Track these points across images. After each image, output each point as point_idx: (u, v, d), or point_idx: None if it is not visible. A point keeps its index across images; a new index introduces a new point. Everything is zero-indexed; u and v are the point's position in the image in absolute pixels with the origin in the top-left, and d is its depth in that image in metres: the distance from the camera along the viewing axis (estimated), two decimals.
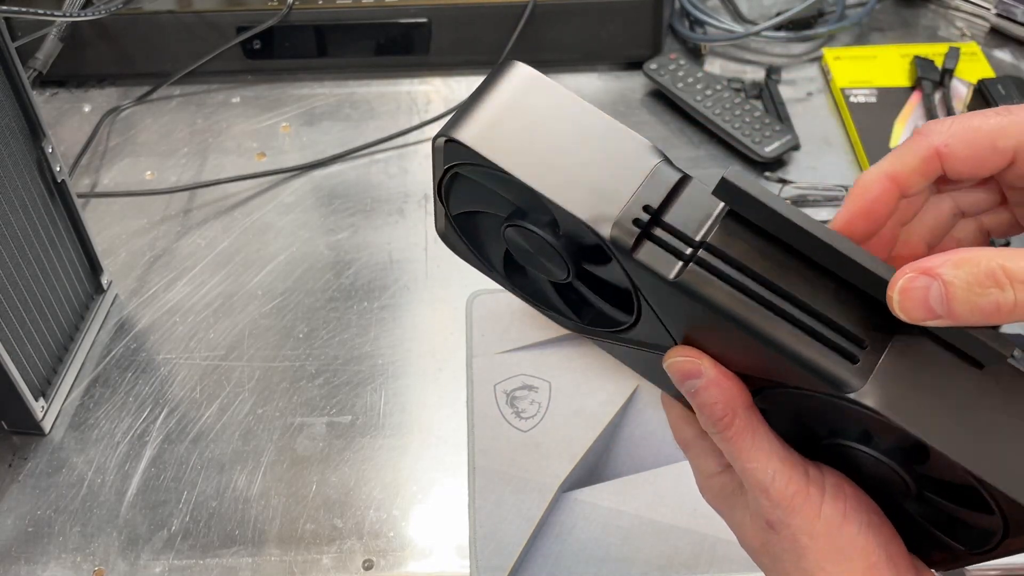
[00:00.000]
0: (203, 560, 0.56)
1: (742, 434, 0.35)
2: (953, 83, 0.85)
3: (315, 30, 0.85)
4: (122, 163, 0.81)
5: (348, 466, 0.61)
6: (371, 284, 0.71)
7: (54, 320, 0.63)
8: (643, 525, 0.57)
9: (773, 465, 0.35)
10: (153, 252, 0.74)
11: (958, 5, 0.96)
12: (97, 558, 0.57)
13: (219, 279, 0.72)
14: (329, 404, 0.64)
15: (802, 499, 0.34)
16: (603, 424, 0.62)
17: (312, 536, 0.57)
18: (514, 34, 0.85)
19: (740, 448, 0.35)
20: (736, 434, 0.35)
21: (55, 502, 0.59)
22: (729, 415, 0.35)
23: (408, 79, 0.89)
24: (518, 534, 0.56)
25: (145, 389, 0.65)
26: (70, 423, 0.63)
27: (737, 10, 0.95)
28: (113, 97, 0.87)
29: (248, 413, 0.64)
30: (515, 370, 0.65)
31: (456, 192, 0.37)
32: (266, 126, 0.84)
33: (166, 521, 0.58)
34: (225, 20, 0.84)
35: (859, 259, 0.30)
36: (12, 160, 0.58)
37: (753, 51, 0.92)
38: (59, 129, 0.84)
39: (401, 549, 0.57)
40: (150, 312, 0.70)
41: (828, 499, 0.34)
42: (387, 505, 0.59)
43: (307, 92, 0.87)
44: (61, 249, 0.64)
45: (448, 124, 0.34)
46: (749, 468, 0.35)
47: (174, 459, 0.61)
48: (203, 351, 0.67)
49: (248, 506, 0.59)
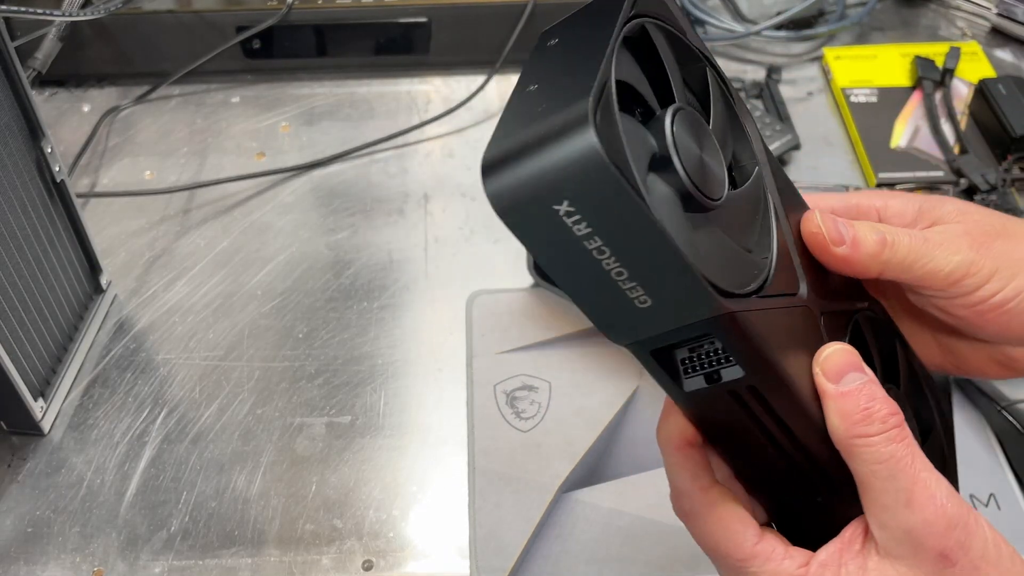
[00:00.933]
0: (202, 560, 0.56)
1: (910, 443, 0.32)
2: (954, 83, 0.85)
3: (315, 30, 0.85)
4: (121, 163, 0.81)
5: (348, 466, 0.61)
6: (371, 284, 0.71)
7: (53, 320, 0.63)
8: (643, 525, 0.57)
9: (944, 485, 0.31)
10: (152, 252, 0.74)
11: (959, 5, 0.96)
12: (96, 558, 0.56)
13: (219, 279, 0.72)
14: (329, 404, 0.64)
15: (975, 520, 0.32)
16: (603, 424, 0.61)
17: (312, 536, 0.57)
18: (514, 34, 0.85)
19: (908, 457, 0.32)
20: (906, 440, 0.32)
21: (54, 502, 0.59)
22: (897, 416, 0.32)
23: (408, 79, 0.88)
24: (518, 534, 0.56)
25: (144, 389, 0.65)
26: (69, 423, 0.63)
27: (737, 9, 0.95)
28: (112, 97, 0.87)
29: (247, 413, 0.63)
30: (515, 370, 0.65)
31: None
32: (266, 126, 0.84)
33: (165, 521, 0.58)
34: (225, 20, 0.84)
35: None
36: (11, 160, 0.57)
37: (753, 51, 0.92)
38: (58, 129, 0.83)
39: (401, 549, 0.57)
40: (149, 312, 0.70)
41: (983, 519, 0.32)
42: (387, 505, 0.59)
43: (307, 92, 0.87)
44: (60, 249, 0.63)
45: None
46: (921, 479, 0.31)
47: (173, 459, 0.61)
48: (202, 351, 0.67)
49: (248, 506, 0.59)
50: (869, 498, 0.33)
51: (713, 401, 0.33)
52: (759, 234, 0.35)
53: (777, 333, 0.33)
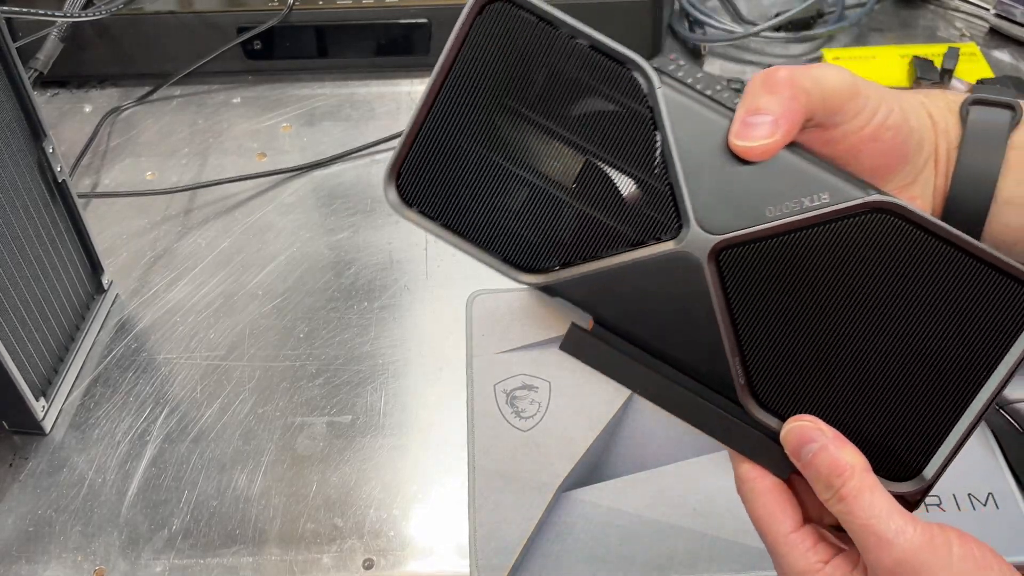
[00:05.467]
0: (204, 559, 0.56)
1: (862, 490, 0.35)
2: (952, 83, 0.85)
3: (315, 30, 0.85)
4: (123, 163, 0.81)
5: (348, 466, 0.61)
6: (371, 284, 0.72)
7: (55, 320, 0.63)
8: (643, 525, 0.57)
9: (895, 521, 0.35)
10: (154, 252, 0.74)
11: (957, 5, 0.96)
12: (98, 557, 0.57)
13: (219, 279, 0.72)
14: (329, 404, 0.64)
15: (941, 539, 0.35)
16: (603, 424, 0.62)
17: (312, 535, 0.57)
18: None
19: (860, 503, 0.35)
20: (857, 489, 0.35)
21: (56, 502, 0.59)
22: (848, 472, 0.35)
23: (408, 79, 0.89)
24: (518, 534, 0.56)
25: (146, 389, 0.65)
26: (71, 423, 0.63)
27: (736, 10, 0.95)
28: (114, 97, 0.87)
29: (248, 413, 0.64)
30: (515, 370, 0.65)
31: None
32: (267, 126, 0.85)
33: (167, 521, 0.58)
34: (226, 20, 0.85)
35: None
36: (13, 160, 0.58)
37: (753, 51, 0.92)
38: (60, 129, 0.84)
39: (401, 549, 0.57)
40: (151, 312, 0.70)
41: (954, 537, 0.35)
42: (387, 505, 0.59)
43: (307, 92, 0.87)
44: (62, 249, 0.64)
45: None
46: (871, 524, 0.35)
47: (175, 459, 0.61)
48: (203, 351, 0.67)
49: (249, 506, 0.59)
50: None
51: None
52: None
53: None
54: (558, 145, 0.37)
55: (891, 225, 0.36)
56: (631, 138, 0.37)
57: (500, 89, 0.37)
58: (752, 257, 0.37)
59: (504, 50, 0.37)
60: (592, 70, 0.37)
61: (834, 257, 0.36)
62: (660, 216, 0.37)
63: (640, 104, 0.37)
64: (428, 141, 0.38)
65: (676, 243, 0.37)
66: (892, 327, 0.36)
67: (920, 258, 0.36)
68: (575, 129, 0.37)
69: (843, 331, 0.37)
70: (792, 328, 0.37)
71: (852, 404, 0.37)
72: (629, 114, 0.37)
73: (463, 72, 0.37)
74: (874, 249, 0.36)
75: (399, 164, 0.39)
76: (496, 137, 0.38)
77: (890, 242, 0.36)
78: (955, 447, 0.37)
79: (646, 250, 0.37)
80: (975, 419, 0.37)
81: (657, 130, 0.37)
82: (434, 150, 0.38)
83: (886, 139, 0.40)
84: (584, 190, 0.38)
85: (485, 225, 0.39)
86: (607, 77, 0.37)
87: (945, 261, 0.36)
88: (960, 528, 0.36)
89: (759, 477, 0.38)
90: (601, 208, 0.38)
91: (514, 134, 0.38)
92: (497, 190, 0.38)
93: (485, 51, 0.37)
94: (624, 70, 0.37)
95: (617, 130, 0.37)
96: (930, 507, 0.56)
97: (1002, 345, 0.36)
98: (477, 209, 0.39)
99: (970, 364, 0.36)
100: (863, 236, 0.36)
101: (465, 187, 0.38)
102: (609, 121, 0.37)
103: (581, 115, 0.37)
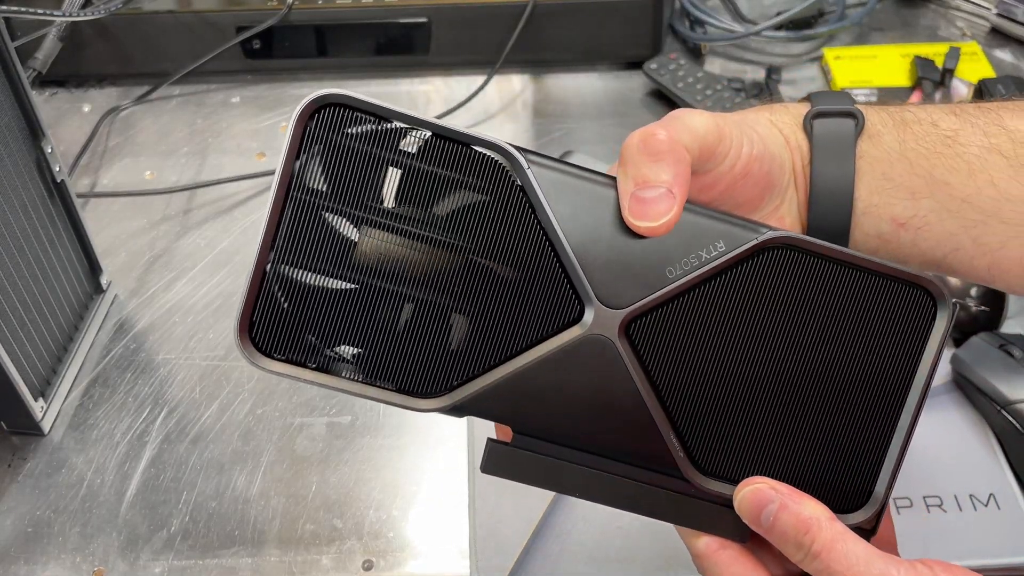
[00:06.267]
0: (203, 560, 0.56)
1: (835, 541, 0.34)
2: (954, 83, 0.85)
3: (315, 30, 0.85)
4: (122, 163, 0.81)
5: (348, 466, 0.61)
6: None
7: (53, 320, 0.63)
8: (643, 525, 0.57)
9: (877, 566, 0.34)
10: (153, 252, 0.74)
11: (958, 5, 0.96)
12: (97, 558, 0.56)
13: (219, 279, 0.72)
14: (329, 404, 0.64)
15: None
16: None
17: (312, 536, 0.57)
18: (514, 34, 0.85)
19: (836, 556, 0.34)
20: (829, 541, 0.34)
21: (55, 502, 0.59)
22: (815, 526, 0.34)
23: (408, 79, 0.89)
24: (518, 534, 0.56)
25: (144, 389, 0.65)
26: (69, 423, 0.63)
27: (737, 10, 0.95)
28: (113, 97, 0.87)
29: (248, 413, 0.64)
30: None
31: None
32: (266, 126, 0.84)
33: (166, 521, 0.58)
34: (225, 20, 0.84)
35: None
36: (11, 160, 0.58)
37: (753, 51, 0.92)
38: (58, 129, 0.84)
39: (401, 549, 0.57)
40: (149, 312, 0.70)
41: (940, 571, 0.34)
42: (387, 505, 0.59)
43: (307, 92, 0.86)
44: (60, 249, 0.63)
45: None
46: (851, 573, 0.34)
47: (174, 459, 0.61)
48: (203, 351, 0.67)
49: (248, 506, 0.59)
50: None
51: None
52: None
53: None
54: (429, 250, 0.34)
55: (788, 259, 0.35)
56: (508, 226, 0.34)
57: (349, 202, 0.34)
58: (663, 323, 0.35)
59: (344, 158, 0.33)
60: (447, 161, 0.34)
61: (742, 302, 0.36)
62: (558, 302, 0.35)
63: (509, 189, 0.34)
64: (279, 280, 0.35)
65: (581, 328, 0.35)
66: (811, 359, 0.36)
67: (823, 284, 0.36)
68: (444, 229, 0.34)
69: (766, 375, 0.36)
70: (717, 385, 0.36)
71: (791, 447, 0.37)
72: (499, 201, 0.34)
73: (303, 192, 0.34)
74: (777, 286, 0.36)
75: (247, 315, 0.35)
76: (357, 256, 0.34)
77: (791, 275, 0.36)
78: (898, 456, 0.37)
79: (552, 342, 0.35)
80: (910, 424, 0.37)
81: (535, 212, 0.34)
82: (288, 288, 0.34)
83: (755, 171, 0.40)
84: (470, 292, 0.34)
85: (368, 356, 0.35)
86: (465, 165, 0.34)
87: (846, 281, 0.36)
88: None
89: (719, 549, 0.37)
90: (493, 308, 0.35)
91: (378, 247, 0.34)
92: (372, 314, 0.34)
93: (323, 163, 0.33)
94: (481, 154, 0.34)
95: (491, 221, 0.34)
96: (932, 508, 0.56)
97: (917, 347, 0.36)
98: (356, 339, 0.35)
99: (893, 373, 0.36)
100: (764, 275, 0.35)
101: (336, 319, 0.34)
102: (480, 212, 0.34)
103: (448, 213, 0.34)
